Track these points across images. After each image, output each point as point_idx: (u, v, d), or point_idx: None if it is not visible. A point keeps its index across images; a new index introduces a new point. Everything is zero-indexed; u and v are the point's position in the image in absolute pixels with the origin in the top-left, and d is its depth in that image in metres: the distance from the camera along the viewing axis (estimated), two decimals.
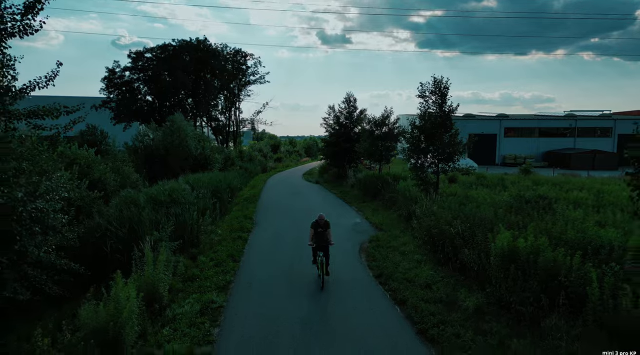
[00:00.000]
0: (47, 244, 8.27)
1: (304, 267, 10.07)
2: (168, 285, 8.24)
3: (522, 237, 7.58)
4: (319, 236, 9.31)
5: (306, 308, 7.76)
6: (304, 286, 8.90)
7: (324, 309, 7.75)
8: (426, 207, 12.15)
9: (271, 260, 10.82)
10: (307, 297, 8.27)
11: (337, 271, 9.69)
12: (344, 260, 10.61)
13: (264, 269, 10.06)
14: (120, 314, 5.98)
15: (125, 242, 9.85)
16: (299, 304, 7.95)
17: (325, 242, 9.28)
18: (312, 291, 8.65)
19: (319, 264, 9.10)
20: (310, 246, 9.51)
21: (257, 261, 10.79)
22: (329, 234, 9.39)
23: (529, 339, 6.06)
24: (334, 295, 8.40)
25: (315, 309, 7.72)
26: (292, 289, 8.73)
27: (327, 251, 9.26)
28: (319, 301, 8.10)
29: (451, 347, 6.10)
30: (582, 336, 5.62)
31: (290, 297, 8.32)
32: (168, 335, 6.62)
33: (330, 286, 8.93)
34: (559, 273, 6.54)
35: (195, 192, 15.53)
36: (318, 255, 9.17)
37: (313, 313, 7.54)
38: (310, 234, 9.46)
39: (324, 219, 9.42)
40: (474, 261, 8.28)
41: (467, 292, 7.91)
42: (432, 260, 10.07)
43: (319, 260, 9.10)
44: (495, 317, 6.90)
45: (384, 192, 18.59)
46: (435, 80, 14.56)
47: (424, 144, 14.57)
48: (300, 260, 10.61)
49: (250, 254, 11.42)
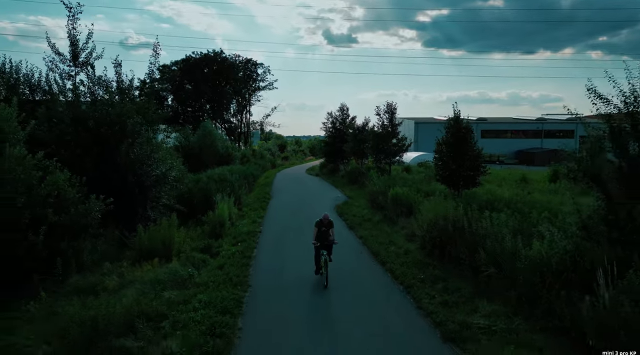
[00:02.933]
0: (171, 195, 17.36)
1: (300, 213, 19.11)
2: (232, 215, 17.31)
3: (403, 190, 16.54)
4: (322, 235, 9.69)
5: (300, 221, 16.79)
6: (300, 218, 17.93)
7: (310, 215, 16.74)
8: (374, 183, 21.14)
9: (283, 209, 19.91)
10: (301, 219, 17.32)
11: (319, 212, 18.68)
12: (324, 210, 19.58)
13: (279, 213, 19.14)
14: (223, 215, 15.02)
15: (204, 198, 18.90)
16: (297, 221, 16.97)
17: (328, 241, 9.69)
18: (304, 219, 17.64)
19: (322, 263, 9.36)
20: (314, 245, 9.67)
21: (275, 210, 19.89)
22: (332, 233, 9.92)
23: (391, 227, 15.01)
24: (313, 214, 17.37)
25: (303, 222, 16.72)
26: (294, 218, 17.78)
27: (331, 250, 9.64)
28: (305, 219, 17.08)
29: (360, 230, 15.03)
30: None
31: (293, 218, 17.35)
32: (239, 227, 15.65)
33: (312, 211, 17.90)
34: (407, 203, 15.47)
35: (232, 176, 24.65)
36: (322, 254, 9.46)
37: (303, 223, 16.57)
38: (314, 232, 9.78)
39: (328, 219, 9.91)
40: (383, 203, 17.25)
41: (377, 215, 16.85)
42: (369, 207, 19.07)
43: (322, 258, 9.37)
44: (385, 222, 15.81)
45: (360, 178, 27.57)
46: (387, 103, 23.61)
47: (380, 146, 23.65)
48: (299, 212, 19.65)
49: (271, 208, 20.53)
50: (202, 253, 11.83)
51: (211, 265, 10.91)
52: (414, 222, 12.69)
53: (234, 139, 64.88)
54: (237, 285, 9.08)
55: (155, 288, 8.97)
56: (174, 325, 7.14)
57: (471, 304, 7.80)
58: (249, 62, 66.34)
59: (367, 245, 12.79)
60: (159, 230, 12.25)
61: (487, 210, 10.61)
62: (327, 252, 9.52)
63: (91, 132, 13.99)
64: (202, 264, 10.95)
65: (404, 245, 12.21)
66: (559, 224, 8.13)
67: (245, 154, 44.96)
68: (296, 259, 11.48)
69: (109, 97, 14.89)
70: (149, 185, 15.03)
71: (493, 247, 8.31)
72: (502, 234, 8.57)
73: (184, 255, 11.56)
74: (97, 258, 11.49)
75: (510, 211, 10.62)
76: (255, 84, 68.02)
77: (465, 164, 14.37)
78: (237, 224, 16.43)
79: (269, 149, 64.59)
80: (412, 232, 12.65)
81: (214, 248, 12.40)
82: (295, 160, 66.51)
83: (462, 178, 14.74)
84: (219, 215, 15.21)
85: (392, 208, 15.79)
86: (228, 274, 9.84)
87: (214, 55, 60.83)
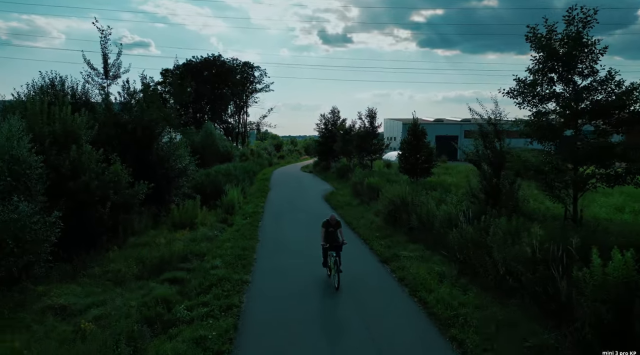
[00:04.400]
0: (188, 185, 21.73)
1: (295, 200, 23.56)
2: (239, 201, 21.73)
3: (375, 179, 21.03)
4: (330, 236, 9.59)
5: (294, 206, 21.22)
6: (294, 204, 22.37)
7: (302, 201, 21.18)
8: (356, 175, 25.63)
9: (280, 198, 24.39)
10: (295, 204, 21.75)
11: (308, 202, 23.14)
12: (314, 198, 24.08)
13: (277, 200, 23.60)
14: (233, 199, 19.44)
15: (214, 188, 23.29)
16: (292, 206, 21.39)
17: (337, 242, 9.57)
18: (297, 204, 22.07)
19: (331, 265, 9.36)
20: (323, 246, 9.62)
21: (273, 198, 24.34)
22: (340, 233, 9.82)
23: (365, 207, 19.52)
24: (305, 201, 21.82)
25: (296, 206, 21.15)
26: (289, 204, 22.23)
27: (340, 251, 9.43)
28: (298, 205, 21.53)
29: (341, 210, 19.49)
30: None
31: (288, 204, 21.80)
32: (247, 208, 20.05)
33: (303, 199, 22.36)
34: (377, 189, 19.98)
35: (236, 171, 29.07)
36: (330, 256, 9.41)
37: (296, 207, 20.99)
38: (322, 233, 9.68)
39: (335, 219, 9.82)
40: (361, 191, 21.75)
41: (356, 200, 21.31)
42: (351, 195, 23.57)
43: (331, 260, 9.35)
44: (361, 205, 20.26)
45: (347, 174, 32.07)
46: (369, 109, 28.14)
47: (362, 145, 28.21)
48: (293, 199, 24.10)
49: (270, 197, 25.00)
50: (221, 223, 16.27)
51: (229, 230, 15.36)
52: (379, 202, 17.15)
53: (232, 139, 69.26)
54: (251, 239, 13.61)
55: (194, 241, 13.36)
56: (214, 257, 11.55)
57: (403, 246, 12.29)
58: (246, 65, 70.86)
59: (345, 219, 17.23)
60: (187, 209, 16.66)
61: (431, 191, 15.11)
62: (336, 254, 9.31)
63: (130, 134, 18.31)
64: (222, 230, 15.38)
65: (371, 218, 16.68)
66: (459, 195, 12.63)
67: (244, 153, 49.39)
68: (290, 228, 15.99)
69: (139, 106, 19.15)
70: (174, 177, 19.41)
71: (420, 211, 12.80)
72: (428, 203, 13.06)
73: (208, 225, 15.97)
74: (142, 227, 15.86)
75: (442, 190, 15.12)
76: (252, 86, 72.47)
77: (421, 158, 18.86)
78: (244, 207, 20.85)
79: (266, 149, 69.02)
80: (378, 209, 17.11)
81: (229, 220, 16.86)
82: (290, 159, 70.96)
83: (419, 169, 19.23)
84: (230, 199, 19.61)
85: (367, 193, 20.28)
86: (243, 234, 14.31)
87: (213, 59, 65.26)
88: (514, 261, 7.70)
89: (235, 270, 10.36)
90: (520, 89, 9.67)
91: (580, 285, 6.13)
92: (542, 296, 6.90)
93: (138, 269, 11.06)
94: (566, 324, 6.23)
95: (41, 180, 11.74)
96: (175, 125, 20.35)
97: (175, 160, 19.53)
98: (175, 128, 20.23)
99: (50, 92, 19.49)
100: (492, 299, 7.96)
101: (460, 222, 10.28)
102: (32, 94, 18.05)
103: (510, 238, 8.35)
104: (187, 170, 20.29)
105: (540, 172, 9.46)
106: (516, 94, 9.75)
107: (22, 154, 11.23)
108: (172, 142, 20.82)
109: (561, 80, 9.29)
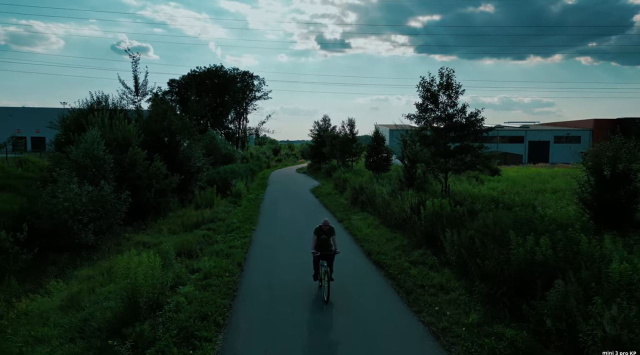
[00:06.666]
0: (203, 178, 28.52)
1: (289, 191, 30.38)
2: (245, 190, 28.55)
3: (349, 175, 27.84)
4: (322, 244, 9.14)
5: (287, 195, 28.01)
6: (288, 194, 29.15)
7: (294, 193, 27.97)
8: (337, 173, 32.41)
9: (277, 190, 31.31)
10: (288, 194, 28.54)
11: (299, 193, 29.95)
12: (304, 190, 30.90)
13: (274, 192, 30.49)
14: (240, 189, 26.25)
15: (224, 183, 30.06)
16: (286, 195, 28.20)
17: (329, 250, 9.12)
18: (290, 194, 28.84)
19: (322, 275, 8.84)
20: (314, 255, 9.10)
21: (271, 191, 31.24)
22: (333, 241, 9.30)
23: (340, 195, 26.34)
24: (296, 192, 28.60)
25: (289, 195, 27.93)
26: (284, 194, 29.07)
27: (332, 261, 9.06)
28: (291, 195, 28.32)
29: (322, 198, 26.27)
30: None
31: (283, 194, 28.62)
32: (250, 196, 26.87)
33: (295, 191, 29.16)
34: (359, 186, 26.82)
35: (240, 169, 35.93)
36: (321, 265, 8.92)
37: (289, 196, 27.78)
38: (313, 241, 9.17)
39: (328, 225, 9.28)
40: (340, 184, 28.55)
41: (335, 191, 28.10)
42: (333, 188, 30.40)
43: (322, 270, 8.84)
44: (338, 195, 27.04)
45: (333, 173, 38.93)
46: (349, 118, 35.05)
47: (344, 149, 35.10)
48: (288, 191, 30.93)
49: (268, 190, 31.89)
50: (232, 204, 23.09)
51: (239, 209, 22.20)
52: (347, 190, 23.98)
53: (232, 144, 76.15)
54: (255, 212, 20.55)
55: (216, 213, 20.10)
56: (231, 218, 18.32)
57: (354, 213, 19.18)
58: (246, 74, 78.06)
59: (323, 203, 24.05)
60: (206, 194, 23.46)
61: (382, 180, 21.89)
62: (327, 264, 8.88)
63: (160, 139, 25.09)
64: (233, 208, 22.17)
65: (342, 202, 23.52)
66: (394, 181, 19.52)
67: (245, 156, 56.31)
68: (282, 207, 22.93)
69: (168, 120, 25.91)
70: (194, 172, 26.17)
71: (368, 192, 19.61)
72: (374, 187, 19.84)
73: (223, 205, 22.74)
74: (175, 207, 22.64)
75: (390, 179, 21.95)
76: (251, 94, 79.58)
77: (381, 157, 25.71)
78: (247, 195, 27.67)
79: (264, 152, 75.96)
80: (347, 195, 23.89)
81: (238, 203, 23.71)
82: (287, 162, 77.96)
83: (378, 166, 26.04)
84: (237, 189, 26.38)
85: (342, 185, 27.17)
86: (250, 209, 21.32)
87: (215, 69, 72.46)
88: (401, 211, 14.51)
89: (246, 224, 17.24)
90: (416, 114, 16.54)
91: (421, 216, 12.95)
92: (407, 224, 13.71)
93: (183, 227, 17.81)
94: (411, 234, 13.07)
95: (112, 171, 18.49)
96: (192, 133, 27.18)
97: (194, 160, 26.32)
98: (192, 136, 27.06)
99: (101, 107, 26.44)
100: (390, 231, 14.84)
101: (384, 195, 17.08)
102: (94, 107, 24.92)
103: (407, 201, 15.14)
104: (203, 168, 27.12)
105: (428, 163, 16.29)
106: (412, 118, 16.63)
107: (100, 154, 17.93)
108: (191, 146, 27.68)
109: (434, 109, 16.13)
